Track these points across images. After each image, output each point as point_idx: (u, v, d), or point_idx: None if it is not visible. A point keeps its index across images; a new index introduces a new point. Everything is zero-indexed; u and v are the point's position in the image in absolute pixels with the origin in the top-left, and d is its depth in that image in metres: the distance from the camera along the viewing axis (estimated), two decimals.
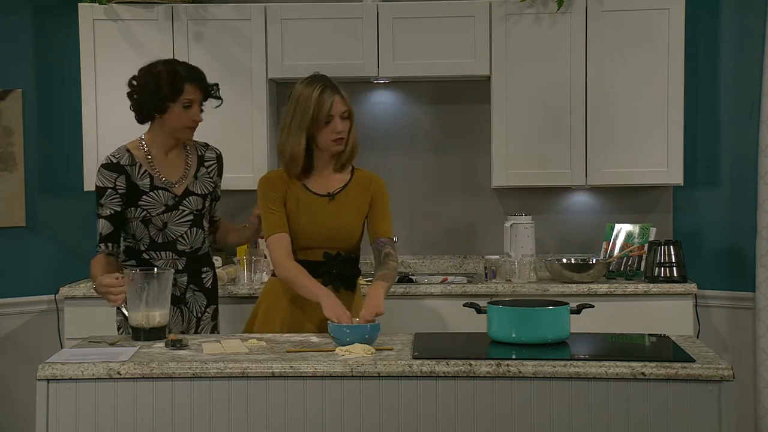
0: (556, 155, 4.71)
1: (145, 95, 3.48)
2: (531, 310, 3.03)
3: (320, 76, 3.41)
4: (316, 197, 3.42)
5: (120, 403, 2.78)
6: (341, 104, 3.36)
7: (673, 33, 4.61)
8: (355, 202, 3.45)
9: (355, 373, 2.76)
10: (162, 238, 3.53)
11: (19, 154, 4.87)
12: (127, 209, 3.48)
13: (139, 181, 3.47)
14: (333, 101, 3.34)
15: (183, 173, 3.58)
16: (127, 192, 3.46)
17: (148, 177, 3.49)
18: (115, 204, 3.45)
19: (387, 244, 3.46)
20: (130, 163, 3.48)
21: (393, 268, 3.42)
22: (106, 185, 3.45)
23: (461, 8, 4.71)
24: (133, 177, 3.47)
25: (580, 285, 4.46)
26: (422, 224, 5.13)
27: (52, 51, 4.97)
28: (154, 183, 3.50)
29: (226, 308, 4.38)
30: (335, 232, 3.41)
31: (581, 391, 2.73)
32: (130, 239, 3.54)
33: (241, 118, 4.76)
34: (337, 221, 3.41)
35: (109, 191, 3.44)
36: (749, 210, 4.67)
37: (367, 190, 3.48)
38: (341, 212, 3.42)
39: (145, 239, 3.52)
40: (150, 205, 3.49)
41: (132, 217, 3.49)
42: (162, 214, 3.50)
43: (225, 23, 4.75)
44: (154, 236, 3.52)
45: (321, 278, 3.39)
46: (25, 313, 4.90)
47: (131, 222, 3.50)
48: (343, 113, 3.36)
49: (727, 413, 2.69)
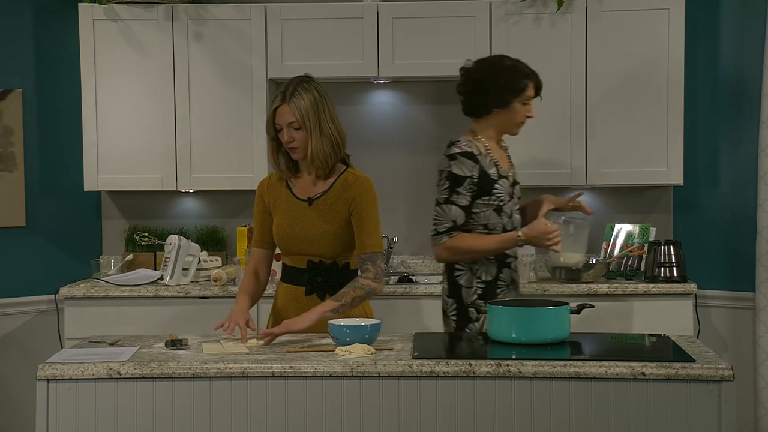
0: (556, 155, 4.71)
1: (491, 89, 3.54)
2: (531, 310, 3.03)
3: (291, 80, 3.30)
4: (297, 201, 3.36)
5: (120, 403, 2.78)
6: (287, 115, 3.24)
7: (673, 33, 4.61)
8: (333, 209, 3.31)
9: (355, 373, 2.76)
10: (510, 226, 3.58)
11: (19, 154, 4.87)
12: (479, 198, 3.52)
13: (489, 170, 3.53)
14: (277, 111, 3.27)
15: (509, 164, 3.69)
16: (480, 181, 3.51)
17: (494, 166, 3.56)
18: (470, 193, 3.51)
19: (366, 261, 3.29)
20: (479, 152, 3.55)
21: (359, 286, 3.26)
22: (466, 174, 3.50)
23: (461, 8, 4.71)
24: (484, 166, 3.53)
25: (580, 285, 4.46)
26: (422, 224, 5.12)
27: (52, 51, 4.97)
28: (500, 172, 3.57)
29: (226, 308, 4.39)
30: (312, 238, 3.32)
31: (581, 391, 2.73)
32: (481, 229, 3.55)
33: (241, 118, 4.77)
34: (313, 227, 3.31)
35: (468, 180, 3.49)
36: (749, 210, 4.67)
37: (345, 196, 3.31)
38: (318, 219, 3.31)
39: (498, 228, 3.55)
40: (500, 194, 3.55)
41: (486, 205, 3.53)
42: (507, 203, 3.58)
43: (225, 23, 4.75)
44: (506, 224, 3.56)
45: (304, 286, 3.34)
46: (25, 313, 4.90)
47: (483, 212, 3.53)
48: (291, 123, 3.25)
49: (727, 413, 2.69)
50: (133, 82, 4.78)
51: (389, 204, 5.07)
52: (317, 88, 3.30)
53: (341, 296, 3.23)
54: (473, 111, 3.63)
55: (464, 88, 3.62)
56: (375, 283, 3.28)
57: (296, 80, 3.30)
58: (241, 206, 5.09)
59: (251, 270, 3.46)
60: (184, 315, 4.46)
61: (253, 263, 3.47)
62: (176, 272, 4.53)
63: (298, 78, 3.32)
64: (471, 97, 3.60)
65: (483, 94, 3.57)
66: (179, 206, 5.16)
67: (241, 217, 5.08)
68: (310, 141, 3.26)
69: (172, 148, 4.78)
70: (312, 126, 3.25)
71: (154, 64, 4.77)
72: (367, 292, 3.28)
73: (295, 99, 3.24)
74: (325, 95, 3.31)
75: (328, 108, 3.29)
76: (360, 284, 3.27)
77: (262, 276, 3.48)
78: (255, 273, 3.46)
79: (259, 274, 3.47)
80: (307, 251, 3.35)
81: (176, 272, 4.53)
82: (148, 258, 4.97)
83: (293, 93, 3.25)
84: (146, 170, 4.80)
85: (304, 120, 3.24)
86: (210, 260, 4.75)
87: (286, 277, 3.44)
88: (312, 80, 3.33)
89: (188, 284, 4.55)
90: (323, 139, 3.27)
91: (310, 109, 3.25)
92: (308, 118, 3.24)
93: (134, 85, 4.78)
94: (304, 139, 3.27)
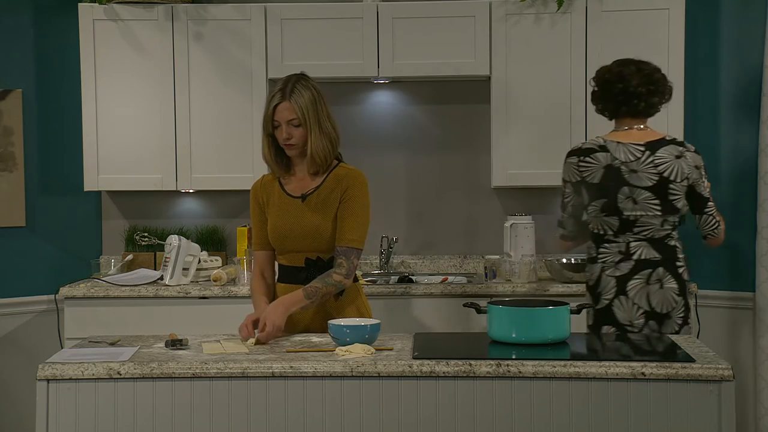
0: (556, 155, 4.69)
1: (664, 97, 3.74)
2: (531, 310, 3.02)
3: (289, 78, 3.31)
4: (290, 199, 3.37)
5: (120, 403, 2.78)
6: (287, 111, 3.25)
7: (673, 33, 4.61)
8: (326, 203, 3.32)
9: (355, 373, 2.76)
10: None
11: (19, 154, 4.87)
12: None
13: None
14: (277, 108, 3.27)
15: None
16: None
17: None
18: None
19: (342, 254, 3.28)
20: None
21: (331, 282, 3.26)
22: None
23: (461, 8, 4.71)
24: None
25: (580, 285, 4.45)
26: (422, 224, 5.13)
27: (52, 51, 4.97)
28: None
29: (226, 308, 4.39)
30: (308, 234, 3.32)
31: (581, 391, 2.73)
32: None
33: (240, 118, 4.76)
34: (308, 223, 3.32)
35: None
36: (749, 210, 4.67)
37: (338, 188, 3.31)
38: (312, 214, 3.32)
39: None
40: None
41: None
42: None
43: (225, 23, 4.75)
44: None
45: (303, 284, 3.33)
46: (25, 313, 4.90)
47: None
48: (291, 120, 3.26)
49: (727, 413, 2.69)
50: (133, 82, 4.78)
51: (389, 204, 5.07)
52: (314, 86, 3.32)
53: (313, 293, 3.25)
54: (649, 113, 3.77)
55: (659, 95, 3.75)
56: (346, 279, 3.31)
57: (294, 77, 3.31)
58: (241, 206, 5.09)
59: (258, 274, 3.47)
60: (184, 315, 4.46)
61: (258, 267, 3.48)
62: (176, 272, 4.52)
63: (296, 76, 3.33)
64: (654, 104, 3.74)
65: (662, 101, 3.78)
66: (179, 206, 5.16)
67: (241, 217, 5.08)
68: (309, 138, 3.27)
69: (172, 148, 4.78)
70: (312, 123, 3.26)
71: (154, 64, 4.77)
72: (336, 289, 3.30)
73: (295, 96, 3.25)
74: (322, 93, 3.33)
75: (325, 106, 3.32)
76: (333, 281, 3.28)
77: (269, 277, 3.48)
78: (261, 276, 3.47)
79: (265, 276, 3.47)
80: (303, 248, 3.35)
81: (176, 272, 4.52)
82: (148, 258, 4.97)
83: (293, 90, 3.26)
84: (146, 170, 4.80)
85: (305, 117, 3.25)
86: (210, 260, 4.75)
87: (283, 277, 3.44)
88: (309, 78, 3.34)
89: (188, 284, 4.55)
90: (322, 136, 3.28)
91: (310, 107, 3.26)
92: (308, 115, 3.25)
93: (134, 85, 4.78)
94: (303, 136, 3.28)
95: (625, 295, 3.57)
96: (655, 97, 3.68)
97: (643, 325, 3.56)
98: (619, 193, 3.59)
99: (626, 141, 3.65)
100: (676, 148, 3.65)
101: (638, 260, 3.58)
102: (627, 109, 3.67)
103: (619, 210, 3.59)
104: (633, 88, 3.64)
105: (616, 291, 3.58)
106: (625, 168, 3.60)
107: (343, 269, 3.28)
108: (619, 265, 3.59)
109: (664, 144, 3.65)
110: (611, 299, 3.59)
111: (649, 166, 3.59)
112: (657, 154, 3.61)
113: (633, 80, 3.65)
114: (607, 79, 3.71)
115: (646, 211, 3.58)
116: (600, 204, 3.62)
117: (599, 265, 3.65)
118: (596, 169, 3.62)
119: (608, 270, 3.61)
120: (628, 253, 3.60)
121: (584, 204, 3.66)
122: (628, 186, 3.59)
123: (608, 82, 3.70)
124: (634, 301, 3.56)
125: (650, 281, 3.56)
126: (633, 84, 3.64)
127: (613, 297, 3.59)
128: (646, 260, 3.58)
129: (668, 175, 3.59)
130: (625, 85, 3.65)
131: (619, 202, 3.59)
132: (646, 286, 3.56)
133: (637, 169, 3.59)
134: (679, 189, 3.61)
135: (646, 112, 3.70)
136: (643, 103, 3.66)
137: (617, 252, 3.61)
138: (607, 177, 3.61)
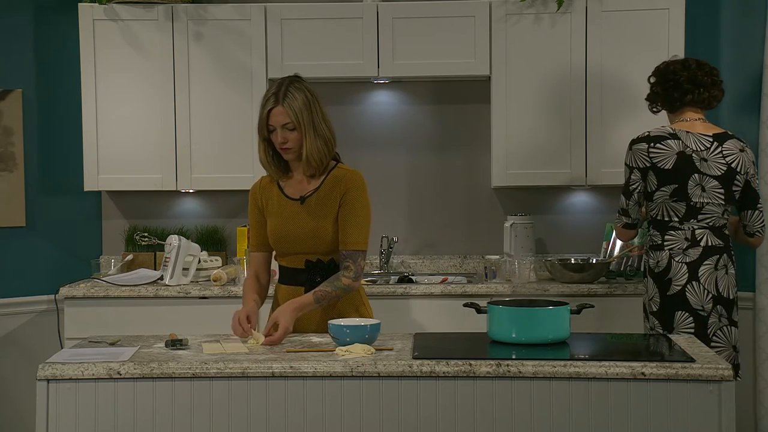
0: (556, 155, 4.71)
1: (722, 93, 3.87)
2: (531, 310, 3.02)
3: (282, 81, 3.29)
4: (289, 201, 3.36)
5: (120, 403, 2.78)
6: (281, 116, 3.24)
7: (673, 33, 4.62)
8: (325, 205, 3.31)
9: (355, 373, 2.76)
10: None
11: (19, 154, 4.87)
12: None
13: None
14: (271, 113, 3.26)
15: None
16: None
17: None
18: None
19: (348, 258, 3.29)
20: None
21: (340, 286, 3.27)
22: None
23: (461, 8, 4.71)
24: None
25: (580, 285, 4.46)
26: (422, 224, 5.13)
27: (52, 51, 4.97)
28: None
29: (226, 308, 4.38)
30: (307, 236, 3.32)
31: (581, 391, 2.73)
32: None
33: (240, 118, 4.76)
34: (307, 226, 3.31)
35: None
36: None
37: (336, 190, 3.31)
38: (311, 216, 3.31)
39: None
40: None
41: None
42: None
43: (225, 23, 4.75)
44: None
45: (303, 285, 3.34)
46: (25, 313, 4.90)
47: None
48: (286, 125, 3.24)
49: (727, 413, 2.69)
50: (133, 82, 4.78)
51: (389, 204, 5.07)
52: (308, 88, 3.30)
53: (322, 297, 3.25)
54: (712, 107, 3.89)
55: (720, 88, 3.86)
56: (355, 282, 3.31)
57: (287, 81, 3.29)
58: (241, 206, 5.09)
59: (252, 275, 3.47)
60: (184, 315, 4.46)
61: (253, 268, 3.48)
62: (176, 272, 4.53)
63: (289, 78, 3.31)
64: (717, 97, 3.85)
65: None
66: (179, 206, 5.16)
67: (241, 217, 5.08)
68: (304, 141, 3.26)
69: (172, 148, 4.78)
70: (306, 126, 3.25)
71: (154, 64, 4.77)
72: (345, 292, 3.31)
73: (288, 100, 3.24)
74: (316, 95, 3.31)
75: (319, 107, 3.30)
76: (342, 284, 3.28)
77: (263, 279, 3.49)
78: (256, 277, 3.48)
79: (259, 277, 3.48)
80: (303, 250, 3.35)
81: (176, 272, 4.53)
82: (148, 258, 4.97)
83: (286, 94, 3.24)
84: (146, 170, 4.80)
85: (299, 121, 3.24)
86: (210, 260, 4.75)
87: (284, 279, 3.44)
88: (302, 80, 3.33)
89: (188, 284, 4.55)
90: (317, 138, 3.27)
91: (304, 110, 3.25)
92: (302, 119, 3.24)
93: (134, 85, 4.78)
94: (298, 139, 3.27)
95: (697, 281, 3.67)
96: (716, 90, 3.80)
97: (712, 309, 3.67)
98: (689, 179, 3.68)
99: (693, 131, 3.75)
100: (738, 142, 3.78)
101: (705, 246, 3.68)
102: (692, 97, 3.78)
103: (688, 196, 3.69)
104: (699, 78, 3.77)
105: (688, 276, 3.67)
106: (697, 156, 3.70)
107: (351, 272, 3.29)
108: (688, 251, 3.68)
109: (728, 137, 3.77)
110: (683, 284, 3.67)
111: (718, 156, 3.71)
112: (724, 145, 3.73)
113: (698, 71, 3.78)
114: (672, 70, 3.83)
115: (712, 199, 3.69)
116: (670, 189, 3.71)
117: (666, 252, 3.72)
118: (669, 155, 3.71)
119: (677, 256, 3.69)
120: (695, 239, 3.69)
121: (650, 190, 3.75)
122: (699, 173, 3.69)
123: (673, 72, 3.82)
124: (704, 286, 3.65)
125: (718, 267, 3.69)
126: (699, 74, 3.78)
127: (685, 282, 3.67)
128: (712, 246, 3.69)
129: (735, 167, 3.71)
130: (690, 74, 3.78)
131: (689, 188, 3.68)
132: (714, 272, 3.67)
133: (707, 158, 3.70)
134: (740, 181, 3.73)
135: (708, 103, 3.81)
136: (707, 93, 3.78)
137: (684, 239, 3.70)
138: (680, 163, 3.70)
